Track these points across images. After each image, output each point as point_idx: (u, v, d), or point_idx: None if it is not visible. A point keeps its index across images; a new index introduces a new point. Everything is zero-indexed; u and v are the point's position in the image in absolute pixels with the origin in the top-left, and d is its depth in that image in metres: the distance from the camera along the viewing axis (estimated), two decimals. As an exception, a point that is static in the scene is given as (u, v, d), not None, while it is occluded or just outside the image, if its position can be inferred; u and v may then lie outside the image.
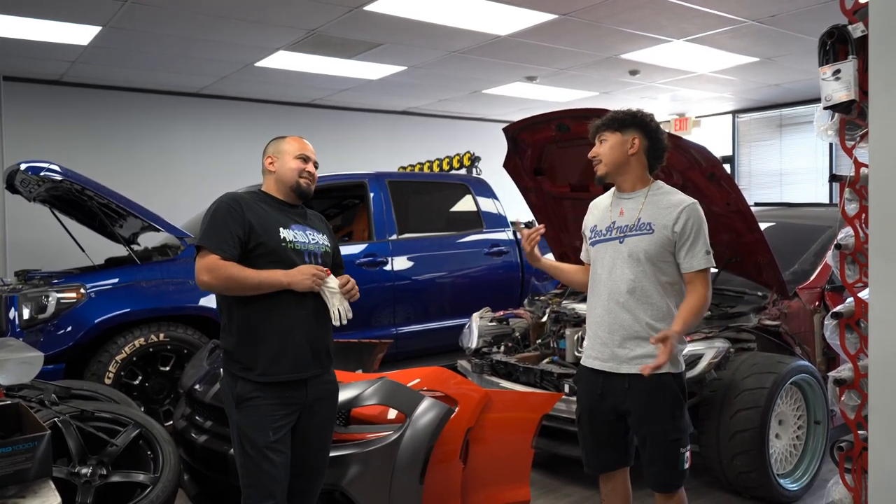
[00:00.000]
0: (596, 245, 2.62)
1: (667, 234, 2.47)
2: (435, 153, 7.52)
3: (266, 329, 2.41)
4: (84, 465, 3.08)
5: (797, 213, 5.27)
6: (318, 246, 2.58)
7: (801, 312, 4.04)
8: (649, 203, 2.53)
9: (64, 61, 6.77)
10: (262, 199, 2.54)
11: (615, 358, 2.52)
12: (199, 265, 2.35)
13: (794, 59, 7.26)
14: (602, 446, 2.64)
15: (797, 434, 3.75)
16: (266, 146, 2.65)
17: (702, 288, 2.47)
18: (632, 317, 2.49)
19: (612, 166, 2.55)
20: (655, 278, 2.49)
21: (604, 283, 2.57)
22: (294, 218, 2.56)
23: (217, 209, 2.43)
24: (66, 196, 4.91)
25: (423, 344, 5.68)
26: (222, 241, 2.35)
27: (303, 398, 2.48)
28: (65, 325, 4.32)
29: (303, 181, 2.57)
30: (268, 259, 2.42)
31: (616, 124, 2.54)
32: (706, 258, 2.48)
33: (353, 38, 6.22)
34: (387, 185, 5.71)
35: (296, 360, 2.44)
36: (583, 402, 2.67)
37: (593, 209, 2.73)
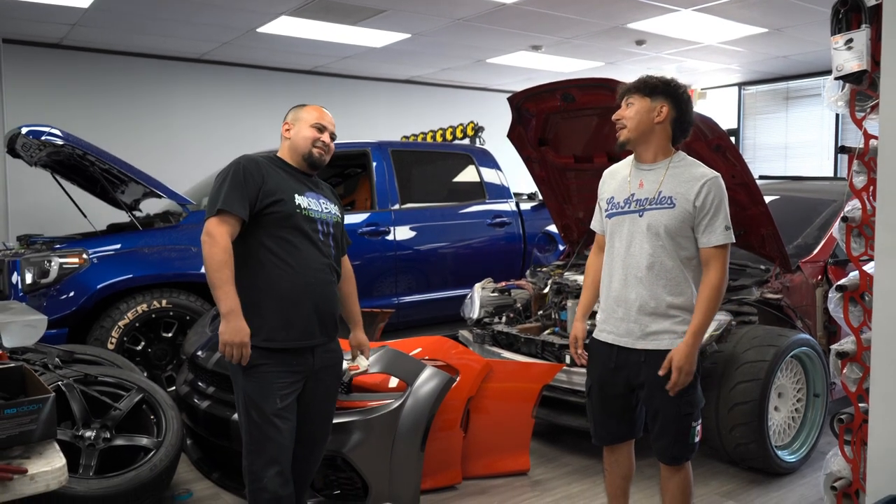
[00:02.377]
0: (613, 217, 2.54)
1: (688, 209, 2.39)
2: (438, 123, 7.48)
3: (273, 294, 2.40)
4: (88, 429, 3.10)
5: (802, 186, 5.24)
6: (330, 215, 2.57)
7: (803, 286, 4.04)
8: (670, 175, 2.44)
9: (64, 24, 6.68)
10: (276, 163, 2.53)
11: (631, 333, 2.48)
12: (207, 227, 2.33)
13: (803, 29, 7.16)
14: (611, 419, 2.62)
15: (796, 407, 3.77)
16: (287, 112, 2.64)
17: (719, 266, 2.40)
18: (649, 293, 2.44)
19: (635, 132, 2.45)
20: (675, 253, 2.42)
21: (621, 257, 2.50)
22: (308, 185, 2.55)
23: (233, 168, 2.41)
24: (68, 161, 4.89)
25: (425, 314, 5.69)
26: (237, 205, 2.33)
27: (309, 366, 2.49)
28: (67, 290, 4.33)
29: (316, 151, 2.55)
30: (282, 224, 2.40)
31: (646, 89, 2.44)
32: (725, 234, 2.40)
33: (356, 4, 6.14)
34: (390, 154, 5.68)
35: (304, 327, 2.43)
36: (594, 374, 2.62)
37: (609, 179, 2.64)
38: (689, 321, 2.43)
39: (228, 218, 2.33)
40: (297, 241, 2.41)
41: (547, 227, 6.30)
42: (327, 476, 3.18)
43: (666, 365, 2.38)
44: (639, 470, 3.52)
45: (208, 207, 2.37)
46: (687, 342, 2.38)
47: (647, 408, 2.54)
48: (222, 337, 2.29)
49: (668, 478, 2.57)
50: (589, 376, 2.66)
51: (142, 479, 2.99)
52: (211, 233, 2.31)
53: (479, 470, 3.58)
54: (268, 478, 2.39)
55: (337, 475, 3.17)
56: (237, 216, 2.33)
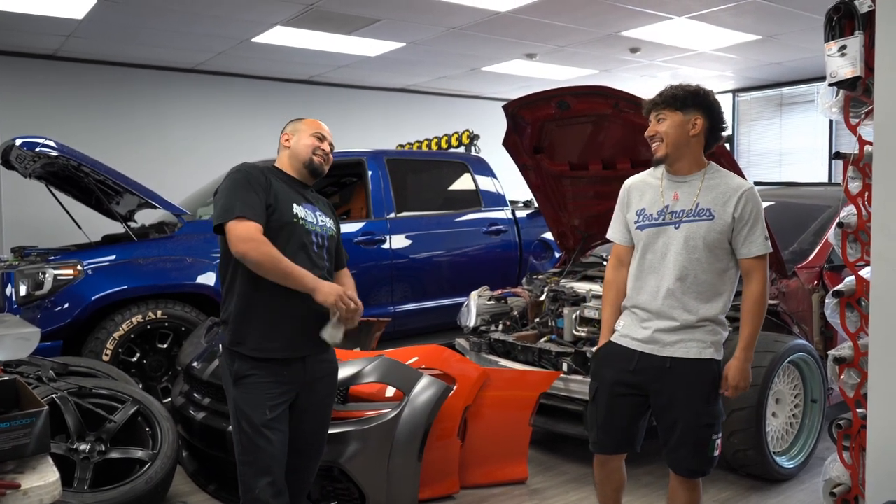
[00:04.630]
0: (646, 229, 2.48)
1: (727, 220, 2.37)
2: (433, 131, 7.48)
3: (263, 303, 2.39)
4: (82, 442, 3.09)
5: (797, 192, 5.24)
6: (324, 229, 2.56)
7: (799, 292, 4.04)
8: (707, 187, 2.41)
9: (58, 36, 6.67)
10: (275, 173, 2.53)
11: (656, 342, 2.43)
12: (239, 231, 2.28)
13: (797, 36, 7.19)
14: (616, 425, 2.54)
15: (794, 412, 3.77)
16: (285, 126, 2.66)
17: (761, 276, 2.39)
18: (681, 305, 2.40)
19: (673, 147, 2.41)
20: (710, 266, 2.39)
21: (654, 268, 2.45)
22: (305, 197, 2.55)
23: (242, 175, 2.40)
24: (63, 172, 4.86)
25: (421, 322, 5.67)
26: (255, 206, 2.33)
27: (301, 376, 2.46)
28: (62, 302, 4.30)
29: (316, 158, 2.56)
30: (277, 233, 2.39)
31: (677, 102, 2.41)
32: (765, 244, 2.39)
33: (351, 14, 6.14)
34: (385, 162, 5.67)
35: (290, 338, 2.42)
36: (606, 377, 2.55)
37: (636, 190, 2.57)
38: (717, 332, 2.42)
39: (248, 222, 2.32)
40: (290, 250, 2.38)
41: (543, 235, 6.30)
42: (324, 487, 3.16)
43: (723, 383, 2.39)
44: (635, 478, 3.53)
45: (221, 214, 2.33)
46: (738, 357, 2.39)
47: (664, 418, 2.47)
48: (328, 301, 2.29)
49: (680, 492, 2.52)
50: (596, 380, 2.60)
51: (137, 492, 2.97)
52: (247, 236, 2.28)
53: (476, 479, 3.56)
54: (259, 488, 2.37)
55: (334, 486, 3.15)
56: (258, 223, 2.32)
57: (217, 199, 2.39)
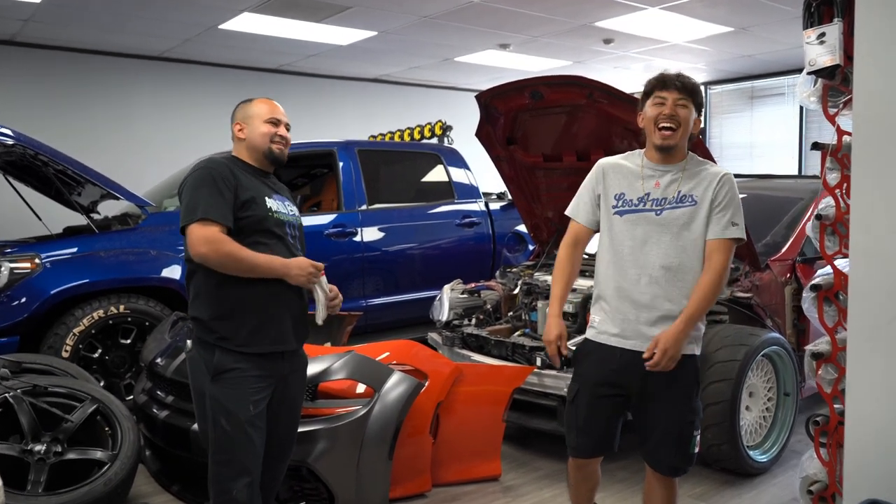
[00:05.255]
0: (626, 215, 2.40)
1: (707, 204, 2.33)
2: (406, 122, 7.37)
3: (246, 300, 2.30)
4: (37, 443, 2.97)
5: (768, 184, 5.25)
6: (294, 218, 2.50)
7: (772, 284, 4.04)
8: (687, 177, 2.37)
9: (16, 20, 6.44)
10: (239, 165, 2.42)
11: (641, 335, 2.34)
12: (197, 234, 2.20)
13: (768, 28, 7.21)
14: (597, 427, 2.45)
15: (767, 406, 3.76)
16: (234, 111, 2.51)
17: (720, 261, 2.31)
18: (665, 293, 2.33)
19: (682, 139, 2.35)
20: (694, 254, 2.34)
21: (633, 256, 2.37)
22: (272, 187, 2.46)
23: (207, 172, 2.29)
24: (21, 162, 4.69)
25: (393, 316, 5.59)
26: (219, 207, 2.23)
27: (281, 370, 2.40)
28: (19, 297, 4.13)
29: (275, 146, 2.44)
30: (255, 228, 2.31)
31: (696, 97, 2.36)
32: (733, 228, 2.32)
33: (320, 0, 6.01)
34: (356, 153, 5.56)
35: (278, 332, 2.36)
36: (586, 377, 2.46)
37: (612, 173, 2.47)
38: (697, 326, 2.36)
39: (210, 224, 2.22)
40: (270, 244, 2.33)
41: (517, 227, 6.24)
42: (292, 487, 3.07)
43: (651, 346, 2.26)
44: (609, 473, 3.49)
45: (184, 216, 2.24)
46: (678, 326, 2.26)
47: (645, 416, 2.40)
48: (300, 282, 2.30)
49: (658, 489, 2.47)
50: (576, 381, 2.50)
51: (95, 495, 2.86)
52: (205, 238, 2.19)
53: (449, 476, 3.49)
54: (237, 489, 2.27)
55: (302, 486, 3.07)
56: (221, 224, 2.22)
57: (182, 198, 2.30)
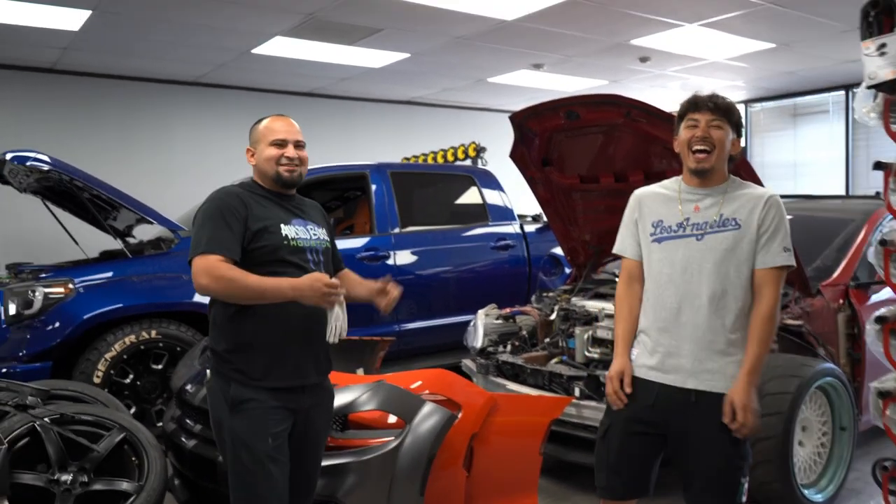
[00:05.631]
0: (664, 241, 2.29)
1: (753, 228, 2.20)
2: (439, 144, 7.32)
3: (264, 333, 2.22)
4: (64, 472, 2.92)
5: (817, 205, 5.06)
6: (319, 242, 2.38)
7: (824, 311, 3.83)
8: (730, 198, 2.25)
9: (56, 48, 6.57)
10: (256, 190, 2.34)
11: (680, 369, 2.22)
12: (198, 266, 2.13)
13: (812, 44, 7.01)
14: (629, 466, 2.32)
15: (822, 441, 3.55)
16: (250, 132, 2.44)
17: (772, 292, 2.18)
18: (708, 325, 2.20)
19: (719, 160, 2.23)
20: (738, 281, 2.20)
21: (674, 285, 2.25)
22: (293, 211, 2.36)
23: (215, 205, 2.22)
24: (58, 187, 4.74)
25: (427, 341, 5.48)
26: (223, 240, 2.15)
27: (301, 403, 2.30)
28: (52, 322, 4.14)
29: (283, 169, 2.32)
30: (268, 258, 2.22)
31: (731, 116, 2.25)
32: (784, 255, 2.19)
33: (352, 23, 6.01)
34: (389, 176, 5.51)
35: (295, 367, 2.27)
36: (619, 413, 2.33)
37: (649, 201, 2.38)
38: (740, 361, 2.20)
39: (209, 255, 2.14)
40: (288, 273, 2.21)
41: (552, 250, 6.11)
42: (320, 522, 2.96)
43: (727, 410, 2.13)
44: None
45: (190, 250, 2.18)
46: (743, 380, 2.15)
47: (687, 460, 2.24)
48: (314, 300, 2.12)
49: None
50: (608, 416, 2.38)
51: (120, 528, 2.79)
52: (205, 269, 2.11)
53: (484, 512, 3.35)
54: None
55: (331, 521, 2.95)
56: (225, 256, 2.14)
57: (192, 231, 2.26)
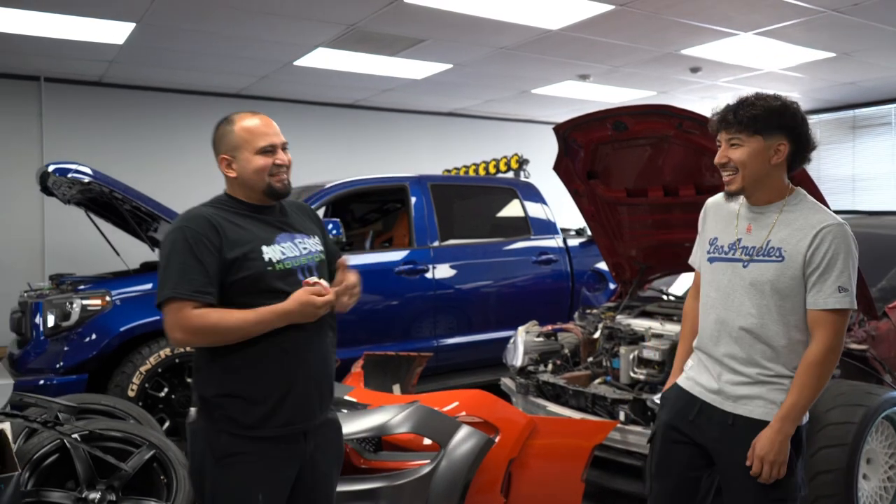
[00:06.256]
0: (714, 263, 2.16)
1: (799, 262, 1.99)
2: (481, 156, 7.21)
3: (258, 377, 1.91)
4: (92, 490, 2.87)
5: (881, 222, 4.79)
6: (310, 256, 2.04)
7: (890, 334, 3.59)
8: (782, 221, 2.04)
9: (102, 61, 6.69)
10: (231, 207, 1.99)
11: (719, 392, 2.11)
12: (169, 319, 1.83)
13: (874, 53, 6.72)
14: (669, 475, 2.22)
15: (889, 475, 3.29)
16: (213, 138, 2.04)
17: (825, 336, 1.96)
18: (745, 355, 2.07)
19: (751, 179, 2.03)
20: (780, 316, 2.02)
21: (716, 309, 2.13)
22: (276, 225, 2.02)
23: (180, 236, 1.87)
24: (101, 198, 4.76)
25: (465, 357, 5.35)
26: (195, 281, 1.82)
27: (302, 451, 1.98)
28: (88, 334, 4.13)
29: (276, 181, 1.99)
30: (252, 290, 1.90)
31: (758, 125, 1.99)
32: (838, 297, 1.95)
33: (394, 34, 5.95)
34: (429, 188, 5.41)
35: (296, 408, 1.95)
36: (662, 419, 2.26)
37: (713, 213, 2.25)
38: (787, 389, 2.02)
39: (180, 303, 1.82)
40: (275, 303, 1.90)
41: (596, 265, 5.92)
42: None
43: (749, 454, 1.98)
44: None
45: (158, 294, 1.86)
46: (773, 427, 1.97)
47: (727, 486, 2.12)
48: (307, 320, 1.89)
49: None
50: (656, 423, 2.31)
51: (146, 549, 2.71)
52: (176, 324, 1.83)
53: (522, 541, 3.18)
54: None
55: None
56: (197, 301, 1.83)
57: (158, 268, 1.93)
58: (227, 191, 2.04)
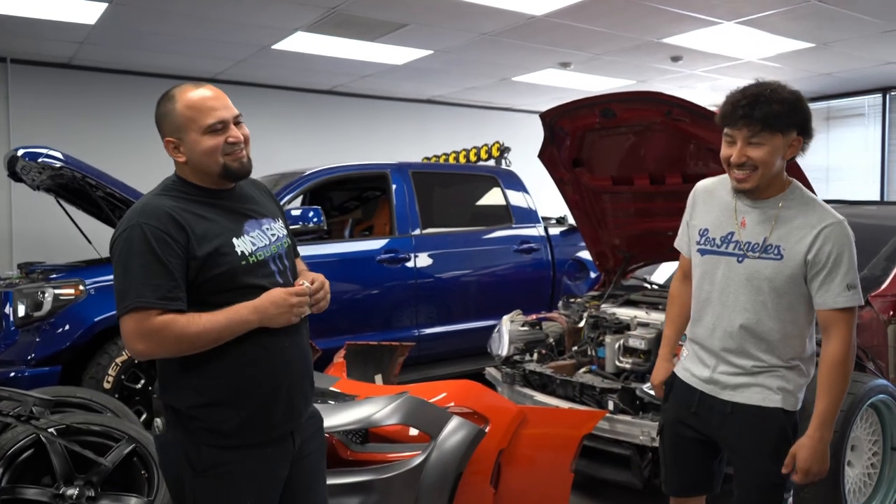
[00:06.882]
0: (706, 255, 2.15)
1: (797, 261, 1.99)
2: (461, 144, 7.15)
3: (237, 382, 1.75)
4: (70, 486, 2.78)
5: (859, 211, 4.82)
6: (280, 244, 1.89)
7: (873, 323, 3.62)
8: (781, 218, 2.02)
9: (72, 42, 6.46)
10: (187, 195, 1.78)
11: (715, 382, 2.15)
12: (129, 329, 1.64)
13: (853, 44, 6.76)
14: (684, 466, 2.30)
15: (871, 461, 3.33)
16: (157, 119, 1.83)
17: (841, 334, 1.98)
18: (741, 350, 2.09)
19: (767, 178, 1.99)
20: (775, 312, 2.03)
21: (711, 303, 2.14)
22: (243, 212, 1.84)
23: (140, 235, 1.65)
24: (71, 184, 4.60)
25: (447, 347, 5.31)
26: (159, 286, 1.63)
27: (290, 450, 1.86)
28: (62, 324, 3.99)
29: (231, 160, 1.78)
30: (225, 288, 1.73)
31: (781, 123, 1.93)
32: (847, 295, 1.97)
33: (375, 18, 5.84)
34: (410, 176, 5.34)
35: (282, 410, 1.81)
36: (669, 412, 2.32)
37: (703, 202, 2.22)
38: (790, 378, 2.07)
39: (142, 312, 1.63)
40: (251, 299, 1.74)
41: (577, 254, 5.91)
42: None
43: (789, 462, 2.01)
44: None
45: (116, 301, 1.67)
46: (812, 436, 1.98)
47: (733, 468, 2.18)
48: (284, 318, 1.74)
49: None
50: (663, 415, 2.37)
51: (127, 546, 2.63)
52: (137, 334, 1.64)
53: (511, 532, 3.16)
54: None
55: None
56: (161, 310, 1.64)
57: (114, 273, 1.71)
58: (177, 173, 1.84)
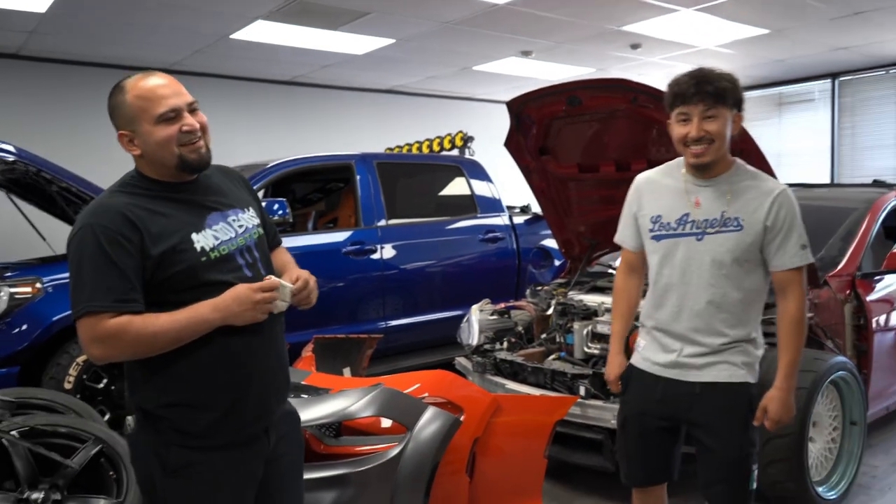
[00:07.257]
0: (662, 240, 2.20)
1: (757, 230, 2.08)
2: (423, 134, 7.13)
3: (208, 379, 1.68)
4: (34, 490, 2.68)
5: (814, 194, 4.94)
6: (249, 235, 1.80)
7: (830, 302, 3.73)
8: (735, 192, 2.11)
9: (21, 31, 6.23)
10: (145, 190, 1.71)
11: (680, 366, 2.19)
12: (85, 333, 1.59)
13: (805, 30, 6.93)
14: (647, 457, 2.32)
15: (832, 436, 3.43)
16: (108, 111, 1.75)
17: (797, 291, 2.12)
18: (706, 326, 2.14)
19: (721, 151, 2.09)
20: (738, 284, 2.12)
21: (674, 286, 2.18)
22: (205, 204, 1.76)
23: (90, 236, 1.59)
24: (24, 179, 4.45)
25: (414, 338, 5.31)
26: (112, 288, 1.57)
27: (265, 447, 1.80)
28: (19, 324, 3.87)
29: (187, 151, 1.69)
30: (186, 286, 1.66)
31: (728, 98, 2.05)
32: (802, 253, 2.11)
33: (337, 6, 5.77)
34: (375, 166, 5.30)
35: (253, 410, 1.75)
36: (632, 405, 2.34)
37: (648, 192, 2.26)
38: (749, 351, 2.16)
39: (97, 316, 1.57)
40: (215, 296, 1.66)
41: (542, 242, 5.95)
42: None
43: (760, 416, 2.13)
44: None
45: (71, 305, 1.61)
46: (780, 387, 2.12)
47: (700, 451, 2.23)
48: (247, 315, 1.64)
49: None
50: (623, 409, 2.37)
51: (97, 549, 2.57)
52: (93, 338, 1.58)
53: (487, 519, 3.18)
54: None
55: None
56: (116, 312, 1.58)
57: None
58: (136, 168, 1.76)
